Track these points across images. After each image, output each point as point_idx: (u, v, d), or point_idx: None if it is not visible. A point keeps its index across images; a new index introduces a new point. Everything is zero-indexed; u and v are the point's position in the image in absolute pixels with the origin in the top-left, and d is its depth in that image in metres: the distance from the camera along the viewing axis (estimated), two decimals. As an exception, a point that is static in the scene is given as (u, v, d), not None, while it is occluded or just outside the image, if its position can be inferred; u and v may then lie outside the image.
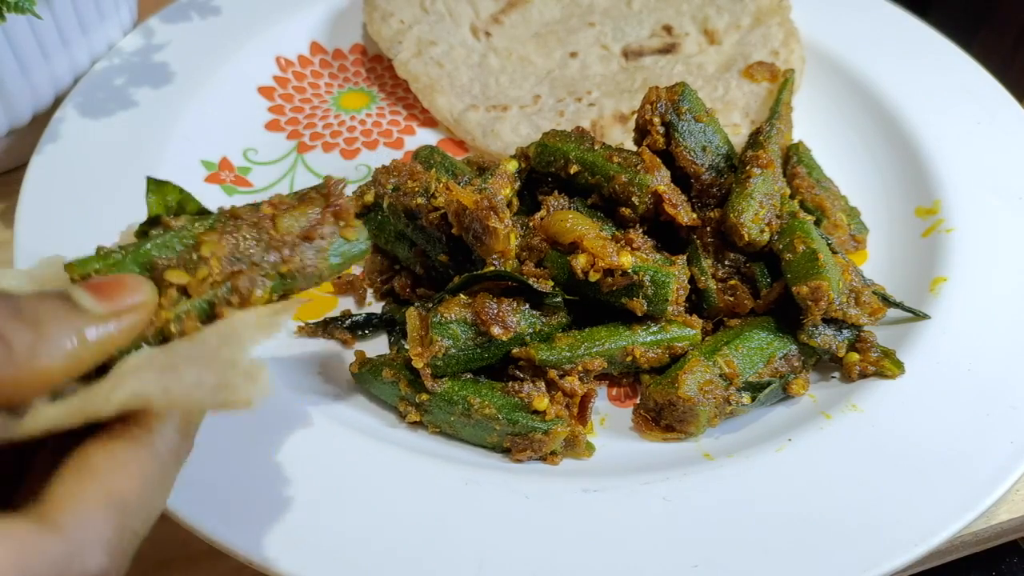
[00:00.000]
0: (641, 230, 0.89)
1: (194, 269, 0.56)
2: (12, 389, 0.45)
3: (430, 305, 0.83)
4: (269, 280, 0.59)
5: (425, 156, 1.01)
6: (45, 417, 0.46)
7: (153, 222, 0.61)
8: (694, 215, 0.90)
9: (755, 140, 0.96)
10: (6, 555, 0.42)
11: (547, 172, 0.94)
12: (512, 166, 0.93)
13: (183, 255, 0.57)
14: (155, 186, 0.62)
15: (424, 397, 0.80)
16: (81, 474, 0.46)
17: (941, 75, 1.17)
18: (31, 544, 0.43)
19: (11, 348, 0.45)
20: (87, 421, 0.47)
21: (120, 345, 0.51)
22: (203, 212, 0.62)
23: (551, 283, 0.85)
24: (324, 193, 0.63)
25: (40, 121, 1.05)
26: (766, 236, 0.88)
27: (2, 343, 0.44)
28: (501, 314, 0.82)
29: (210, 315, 0.57)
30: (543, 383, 0.82)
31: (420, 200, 0.88)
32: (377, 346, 0.92)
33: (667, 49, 1.20)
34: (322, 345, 0.91)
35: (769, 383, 0.84)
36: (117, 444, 0.48)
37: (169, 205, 0.62)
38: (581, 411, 0.83)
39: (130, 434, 0.48)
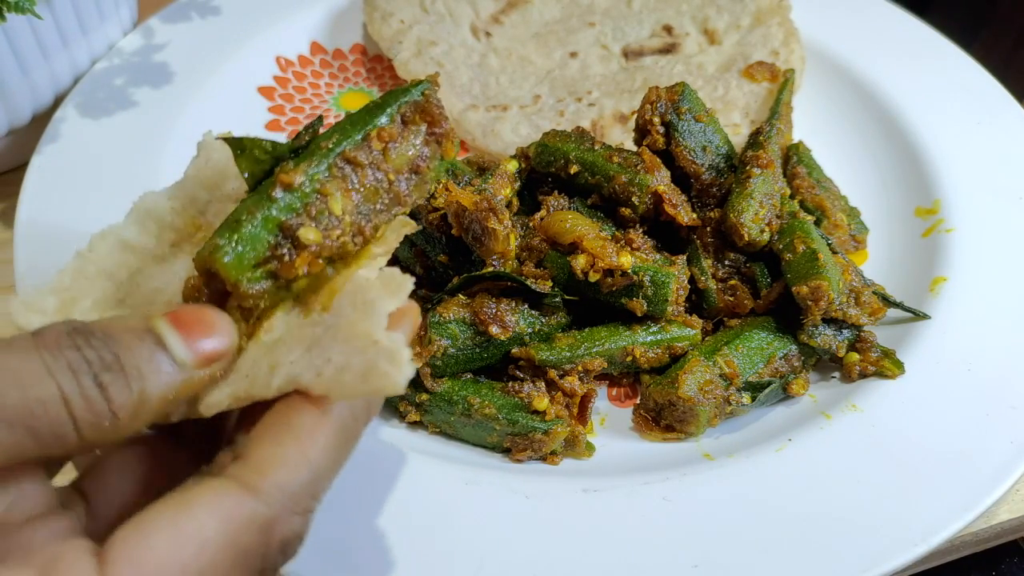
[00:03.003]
0: (641, 230, 0.89)
1: (325, 225, 0.54)
2: (113, 436, 0.47)
3: (429, 305, 0.83)
4: (387, 222, 0.58)
5: (425, 156, 1.01)
6: (217, 402, 0.50)
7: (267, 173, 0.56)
8: (694, 215, 0.90)
9: (755, 140, 0.96)
10: (213, 528, 0.44)
11: (547, 172, 0.94)
12: (512, 166, 0.93)
13: (310, 208, 0.54)
14: (237, 147, 0.57)
15: (424, 397, 0.80)
16: (281, 438, 0.48)
17: (941, 75, 1.17)
18: (238, 511, 0.45)
19: (120, 421, 0.46)
20: (252, 402, 0.50)
21: (204, 386, 0.51)
22: (298, 150, 0.57)
23: (550, 283, 0.85)
24: (425, 111, 0.59)
25: (40, 121, 1.05)
26: (766, 236, 0.88)
27: (114, 419, 0.45)
28: (499, 314, 0.82)
29: (334, 256, 0.56)
30: (543, 383, 0.82)
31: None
32: (377, 346, 0.92)
33: (667, 49, 1.20)
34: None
35: (769, 383, 0.84)
36: (308, 407, 0.49)
37: (261, 160, 0.57)
38: (581, 411, 0.83)
39: (331, 405, 0.49)
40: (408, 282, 0.52)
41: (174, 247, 0.59)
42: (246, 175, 0.56)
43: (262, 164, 0.56)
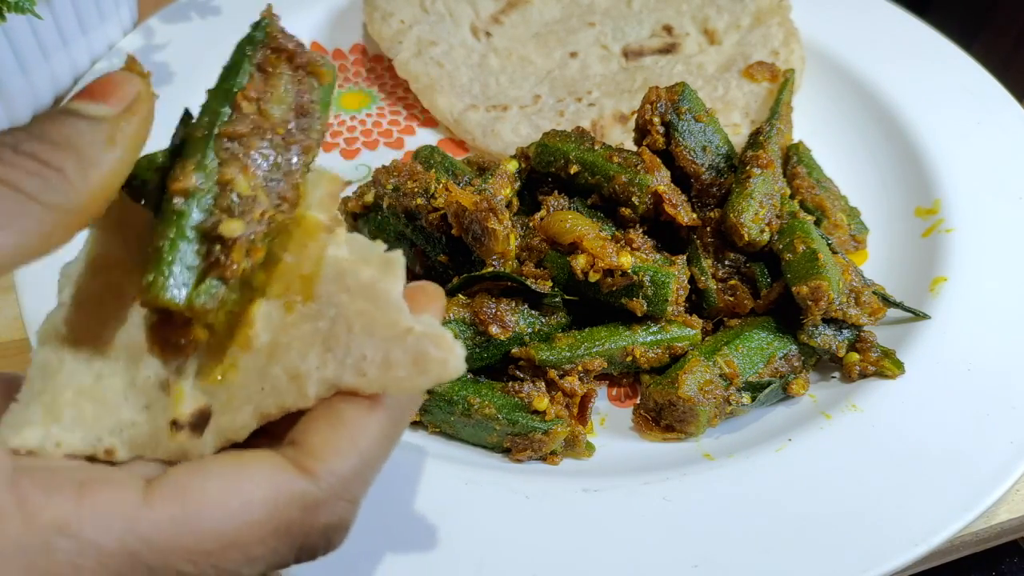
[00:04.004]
0: (641, 230, 0.89)
1: (242, 210, 0.51)
2: (80, 215, 0.46)
3: (430, 305, 0.83)
4: (302, 175, 0.55)
5: (425, 156, 1.01)
6: (244, 423, 0.50)
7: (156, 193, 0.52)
8: (694, 215, 0.90)
9: (755, 140, 0.96)
10: (262, 493, 0.45)
11: (547, 172, 0.94)
12: (512, 166, 0.93)
13: (221, 201, 0.51)
14: None
15: (424, 397, 0.80)
16: (335, 426, 0.48)
17: (941, 75, 1.17)
18: (287, 486, 0.46)
19: (65, 174, 0.45)
20: (287, 413, 0.50)
21: (143, 139, 0.50)
22: (179, 150, 0.53)
23: (550, 283, 0.85)
24: (279, 49, 0.55)
25: (40, 121, 1.05)
26: (766, 236, 0.88)
27: (56, 172, 0.45)
28: (499, 314, 0.82)
29: (268, 230, 0.53)
30: (543, 383, 0.82)
31: (420, 201, 0.88)
32: (377, 346, 0.92)
33: (667, 49, 1.20)
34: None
35: (769, 383, 0.84)
36: (375, 407, 0.49)
37: (149, 179, 0.53)
38: (581, 411, 0.83)
39: (387, 401, 0.49)
40: (397, 257, 0.51)
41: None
42: (142, 202, 0.53)
43: (153, 182, 0.53)
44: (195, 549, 0.43)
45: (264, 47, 0.56)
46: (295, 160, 0.54)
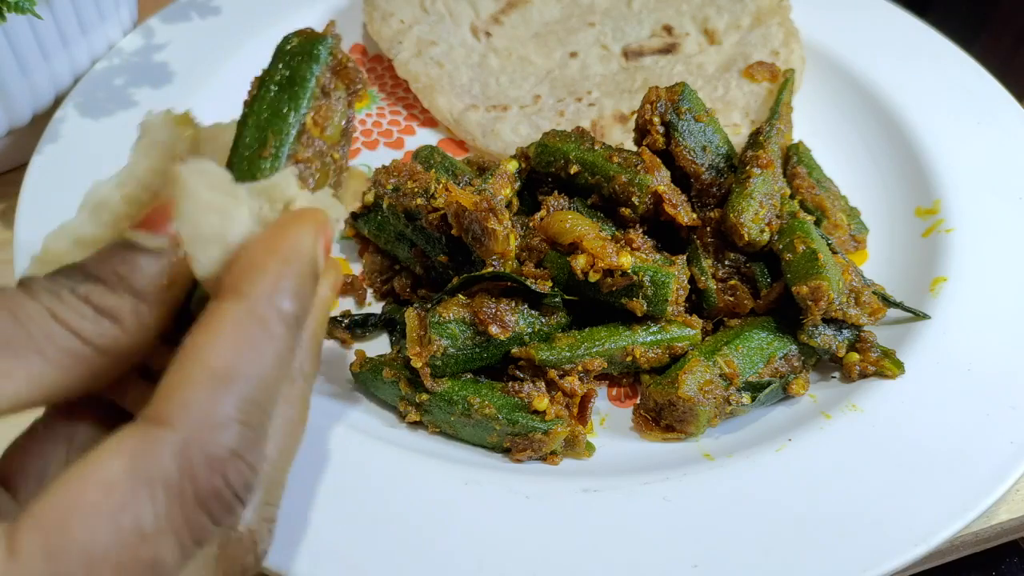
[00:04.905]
0: (641, 230, 0.89)
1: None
2: (128, 359, 0.48)
3: (429, 305, 0.83)
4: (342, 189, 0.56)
5: (425, 156, 1.01)
6: None
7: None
8: (694, 215, 0.90)
9: (755, 140, 0.96)
10: (120, 466, 0.41)
11: (547, 172, 0.94)
12: (512, 166, 0.93)
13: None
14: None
15: (424, 397, 0.80)
16: (181, 363, 0.44)
17: (941, 75, 1.17)
18: (142, 447, 0.41)
19: (122, 323, 0.47)
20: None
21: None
22: (231, 162, 0.52)
23: (550, 283, 0.85)
24: (340, 73, 0.55)
25: (40, 121, 1.05)
26: (766, 236, 0.88)
27: (114, 321, 0.47)
28: (499, 313, 0.82)
29: None
30: (543, 383, 0.82)
31: (420, 201, 0.88)
32: (377, 346, 0.92)
33: (667, 49, 1.20)
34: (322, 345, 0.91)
35: (769, 383, 0.84)
36: (210, 321, 0.45)
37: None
38: (581, 411, 0.83)
39: (220, 307, 0.45)
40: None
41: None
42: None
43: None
44: (86, 563, 0.39)
45: (328, 68, 0.55)
46: (340, 179, 0.56)
